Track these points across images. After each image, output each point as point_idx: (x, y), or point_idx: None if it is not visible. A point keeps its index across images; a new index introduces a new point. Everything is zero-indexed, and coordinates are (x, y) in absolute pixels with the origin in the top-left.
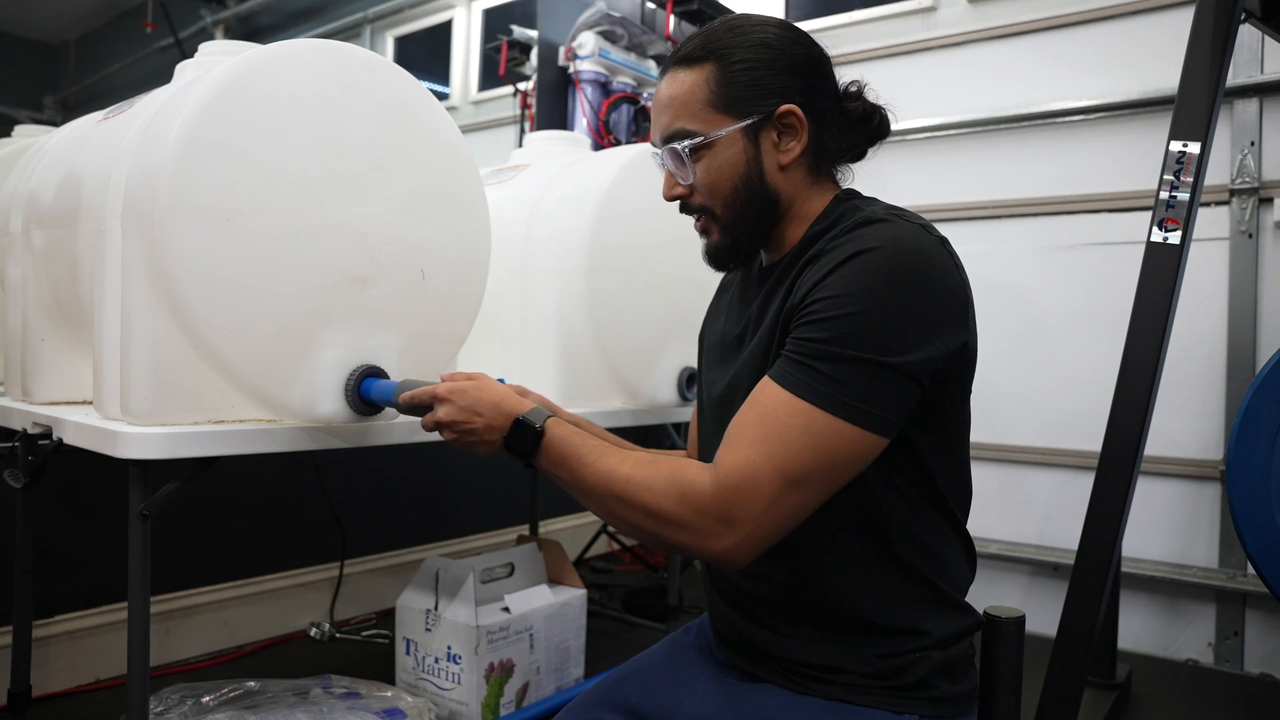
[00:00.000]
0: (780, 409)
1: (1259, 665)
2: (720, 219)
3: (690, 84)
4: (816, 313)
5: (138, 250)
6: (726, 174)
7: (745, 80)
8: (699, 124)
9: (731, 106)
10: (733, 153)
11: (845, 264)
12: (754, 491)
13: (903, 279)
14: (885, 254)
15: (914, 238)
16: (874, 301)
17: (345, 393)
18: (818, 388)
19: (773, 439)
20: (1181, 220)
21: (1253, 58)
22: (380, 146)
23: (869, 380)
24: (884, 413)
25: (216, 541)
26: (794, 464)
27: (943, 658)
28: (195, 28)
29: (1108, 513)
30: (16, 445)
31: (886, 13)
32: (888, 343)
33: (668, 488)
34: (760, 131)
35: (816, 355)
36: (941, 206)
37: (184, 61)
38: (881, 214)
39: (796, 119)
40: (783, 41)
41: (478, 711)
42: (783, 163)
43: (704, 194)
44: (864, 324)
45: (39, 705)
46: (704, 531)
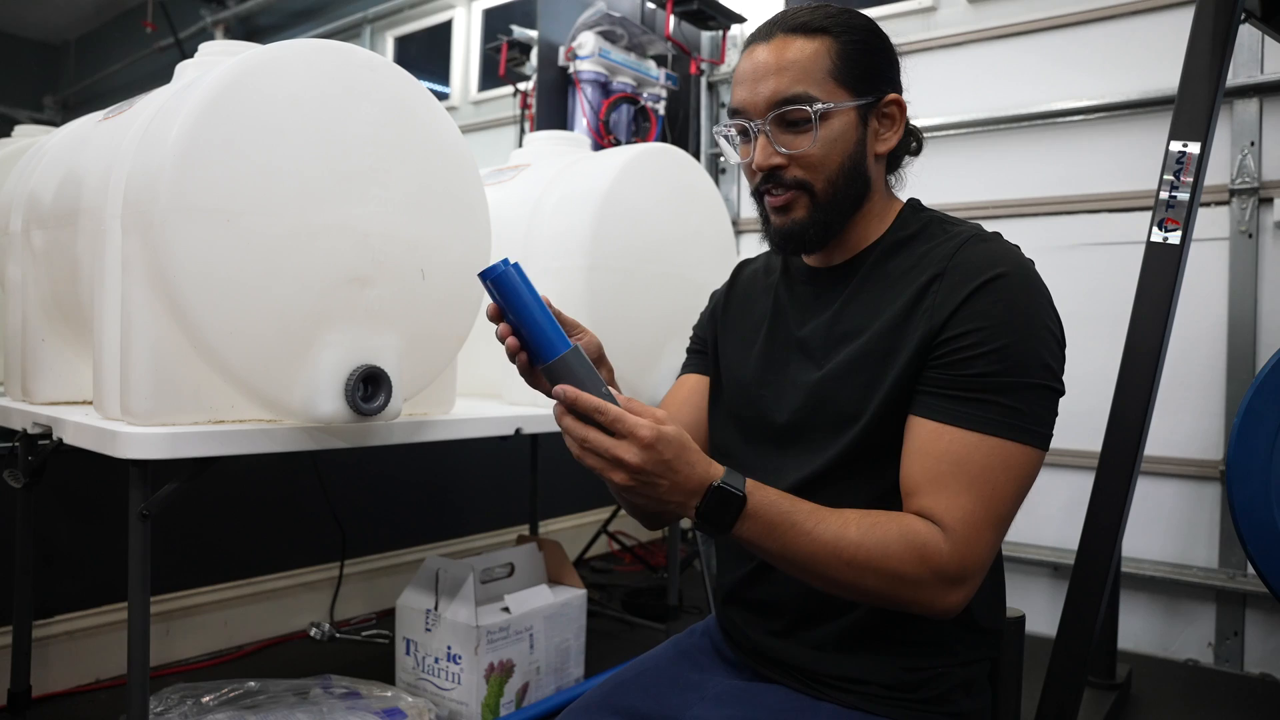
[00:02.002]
0: (976, 451)
1: (1259, 665)
2: (818, 195)
3: (811, 51)
4: (972, 346)
5: (138, 250)
6: (839, 148)
7: (864, 60)
8: (822, 91)
9: (853, 82)
10: (847, 129)
11: (981, 290)
12: (981, 543)
13: (1038, 303)
14: (1015, 279)
15: (1025, 260)
16: (1026, 328)
17: (345, 393)
18: (1004, 420)
19: (980, 484)
20: (1181, 220)
21: (1253, 58)
22: (380, 146)
23: (1040, 403)
24: (1049, 429)
25: (216, 541)
26: (1002, 505)
27: (963, 674)
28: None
29: (1108, 513)
30: (16, 445)
31: (886, 13)
32: (1043, 366)
33: (905, 551)
34: (870, 114)
35: (989, 389)
36: (942, 206)
37: (184, 61)
38: (988, 234)
39: (899, 109)
40: (880, 34)
41: (478, 711)
42: (879, 151)
43: (808, 166)
44: (1021, 352)
45: (39, 705)
46: (941, 590)
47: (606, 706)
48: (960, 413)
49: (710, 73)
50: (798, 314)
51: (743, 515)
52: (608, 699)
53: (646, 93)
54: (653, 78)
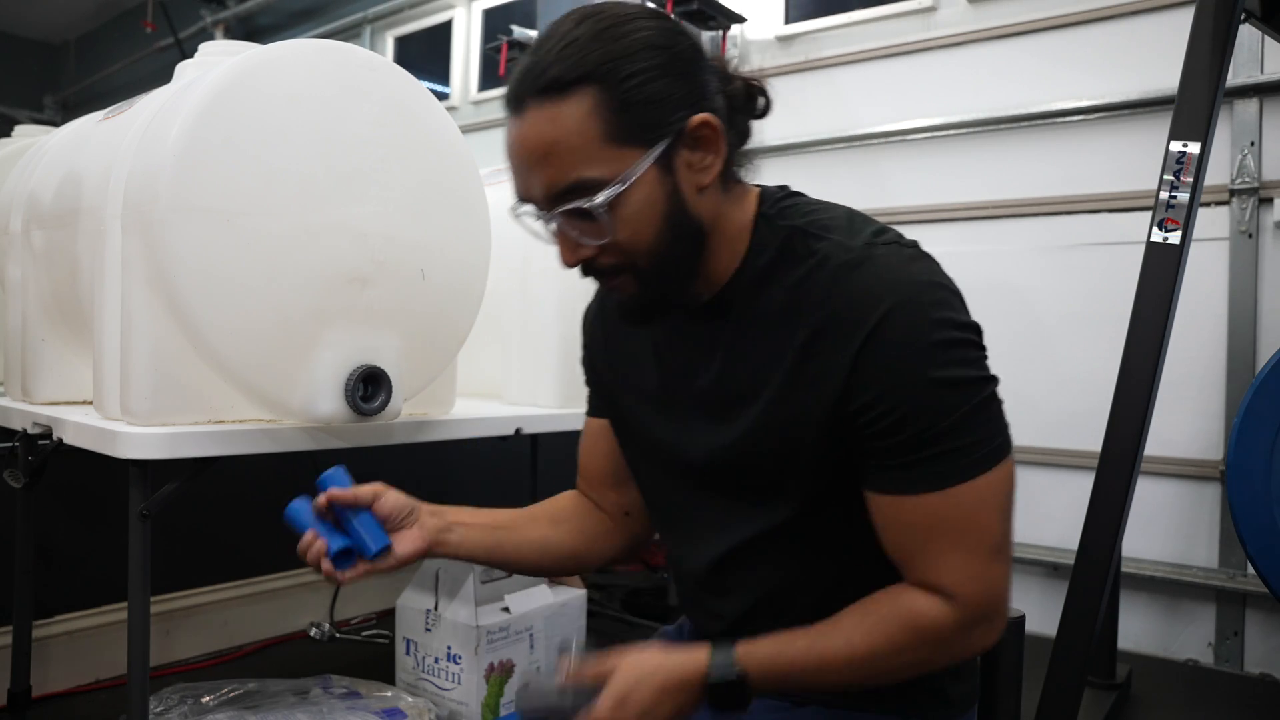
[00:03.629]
0: (948, 508)
1: (1259, 665)
2: (644, 271)
3: (572, 119)
4: (884, 416)
5: (138, 250)
6: (648, 219)
7: (644, 98)
8: (602, 167)
9: (636, 135)
10: (650, 190)
11: (869, 347)
12: (992, 588)
13: (935, 321)
14: (901, 313)
15: (918, 270)
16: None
17: (345, 393)
18: (960, 465)
19: (964, 534)
20: (1181, 220)
21: (1253, 58)
22: (380, 146)
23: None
24: (1006, 432)
25: (216, 541)
26: (994, 537)
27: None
28: (195, 28)
29: (1108, 513)
30: (16, 445)
31: (886, 13)
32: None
33: (916, 641)
34: (674, 155)
35: (930, 442)
36: (941, 206)
37: (184, 61)
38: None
39: (711, 129)
40: (665, 34)
41: (478, 711)
42: (702, 184)
43: (620, 250)
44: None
45: (39, 705)
46: (966, 646)
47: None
48: (914, 479)
49: None
50: (682, 358)
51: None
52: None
53: None
54: None
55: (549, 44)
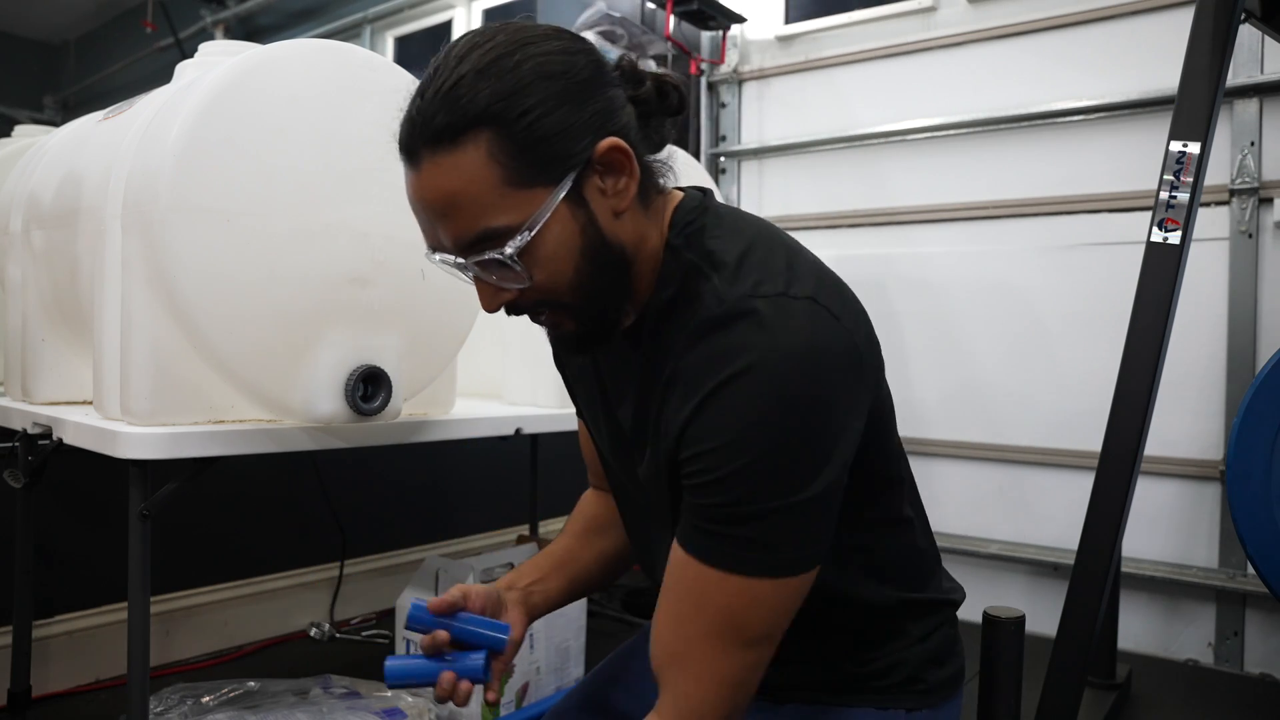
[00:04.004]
0: (718, 591)
1: (1259, 665)
2: (571, 307)
3: (469, 168)
4: (708, 470)
5: (138, 250)
6: (564, 257)
7: (543, 133)
8: (507, 214)
9: (539, 174)
10: (563, 229)
11: (710, 401)
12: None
13: (795, 398)
14: (760, 376)
15: (791, 334)
16: (770, 441)
17: (345, 393)
18: (748, 556)
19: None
20: (1181, 220)
21: (1253, 58)
22: (380, 146)
23: (795, 526)
24: (821, 543)
25: (216, 541)
26: (749, 631)
27: (924, 649)
28: (195, 28)
29: (1108, 513)
30: (16, 445)
31: (886, 13)
32: (790, 482)
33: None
34: (583, 186)
35: (728, 520)
36: (941, 206)
37: (184, 61)
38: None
39: (621, 153)
40: (558, 58)
41: (478, 712)
42: (619, 209)
43: (541, 290)
44: (757, 474)
45: (39, 705)
46: None
47: (590, 705)
48: (704, 546)
49: (710, 73)
50: (612, 382)
51: None
52: (591, 698)
53: None
54: None
55: (435, 85)
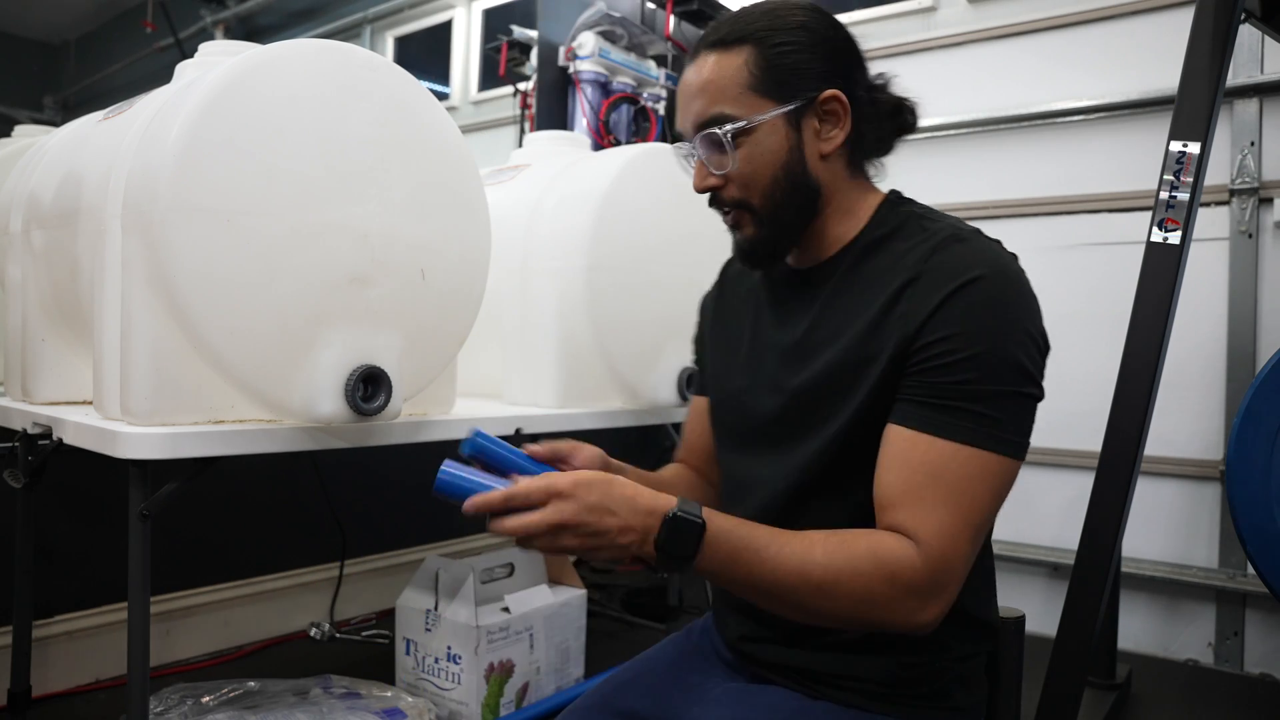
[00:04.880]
0: (952, 461)
1: (1259, 665)
2: (758, 211)
3: (728, 67)
4: (948, 353)
5: (138, 250)
6: (767, 162)
7: (787, 64)
8: (739, 108)
9: (773, 90)
10: (774, 140)
11: (957, 294)
12: (957, 556)
13: (1017, 305)
14: (993, 283)
15: (1005, 260)
16: (1002, 333)
17: (345, 393)
18: (981, 430)
19: (957, 494)
20: (1181, 220)
21: (1253, 58)
22: (380, 146)
23: (1018, 411)
24: (1027, 438)
25: (216, 541)
26: (979, 514)
27: (960, 669)
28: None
29: (1108, 513)
30: (16, 445)
31: (886, 13)
32: (1019, 372)
33: (875, 570)
34: (803, 118)
35: (966, 396)
36: (942, 206)
37: (184, 61)
38: (958, 229)
39: (840, 105)
40: (821, 25)
41: (478, 711)
42: (824, 151)
43: (741, 185)
44: (995, 359)
45: (39, 705)
46: (915, 608)
47: (607, 708)
48: (937, 421)
49: None
50: (778, 316)
51: (703, 544)
52: (608, 700)
53: (646, 93)
54: (653, 78)
55: (732, 13)
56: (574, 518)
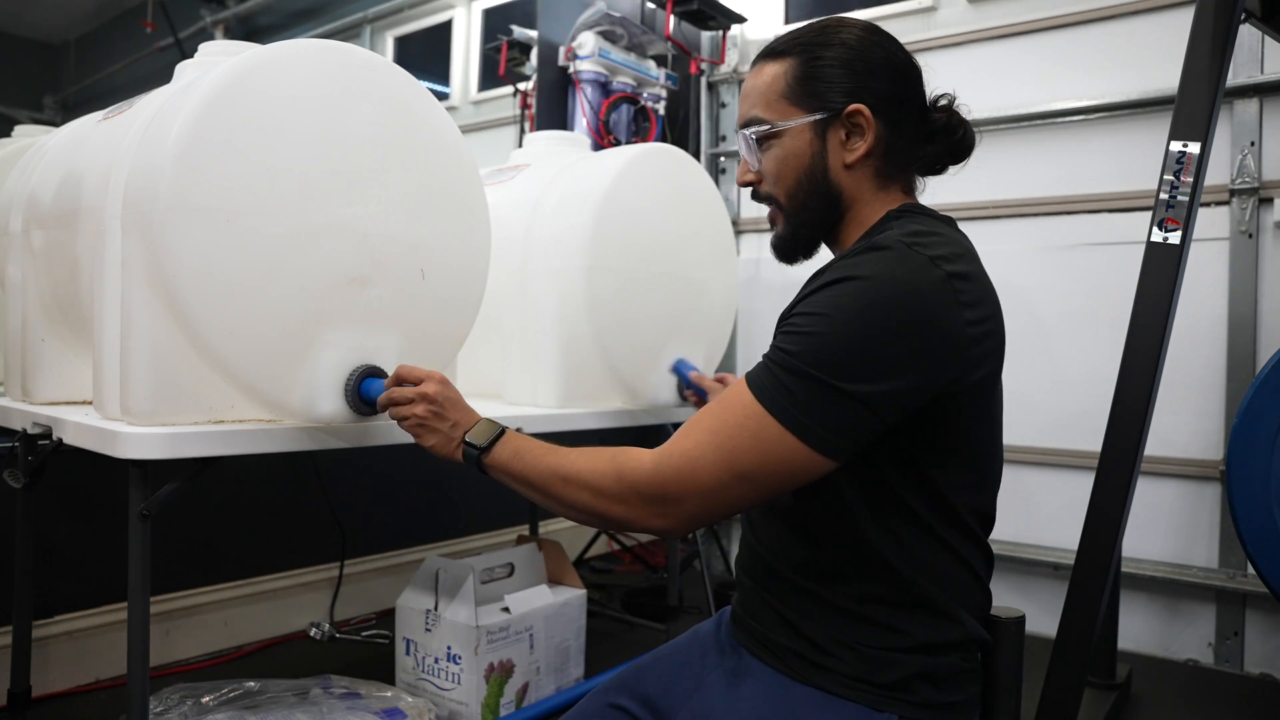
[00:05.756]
0: (739, 405)
1: (1259, 665)
2: (785, 209)
3: (771, 76)
4: (793, 326)
5: (138, 250)
6: (790, 165)
7: (821, 76)
8: (771, 114)
9: (803, 100)
10: (799, 145)
11: (834, 285)
12: (694, 475)
13: (877, 313)
14: (869, 285)
15: (907, 272)
16: (838, 327)
17: (345, 393)
18: (775, 396)
19: (724, 433)
20: (1181, 220)
21: (1253, 58)
22: (380, 147)
23: (819, 400)
24: (829, 435)
25: (216, 541)
26: (737, 459)
27: (925, 663)
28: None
29: (1108, 513)
30: (16, 445)
31: (886, 13)
32: (846, 370)
33: (607, 466)
34: (829, 128)
35: (781, 364)
36: (942, 206)
37: (184, 61)
38: (893, 240)
39: (864, 119)
40: (864, 44)
41: (478, 711)
42: (848, 161)
43: (770, 183)
44: (825, 346)
45: (39, 705)
46: (643, 507)
47: (625, 689)
48: (754, 373)
49: (710, 73)
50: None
51: (494, 445)
52: (628, 682)
53: (646, 93)
54: (653, 78)
55: (801, 27)
56: (435, 394)
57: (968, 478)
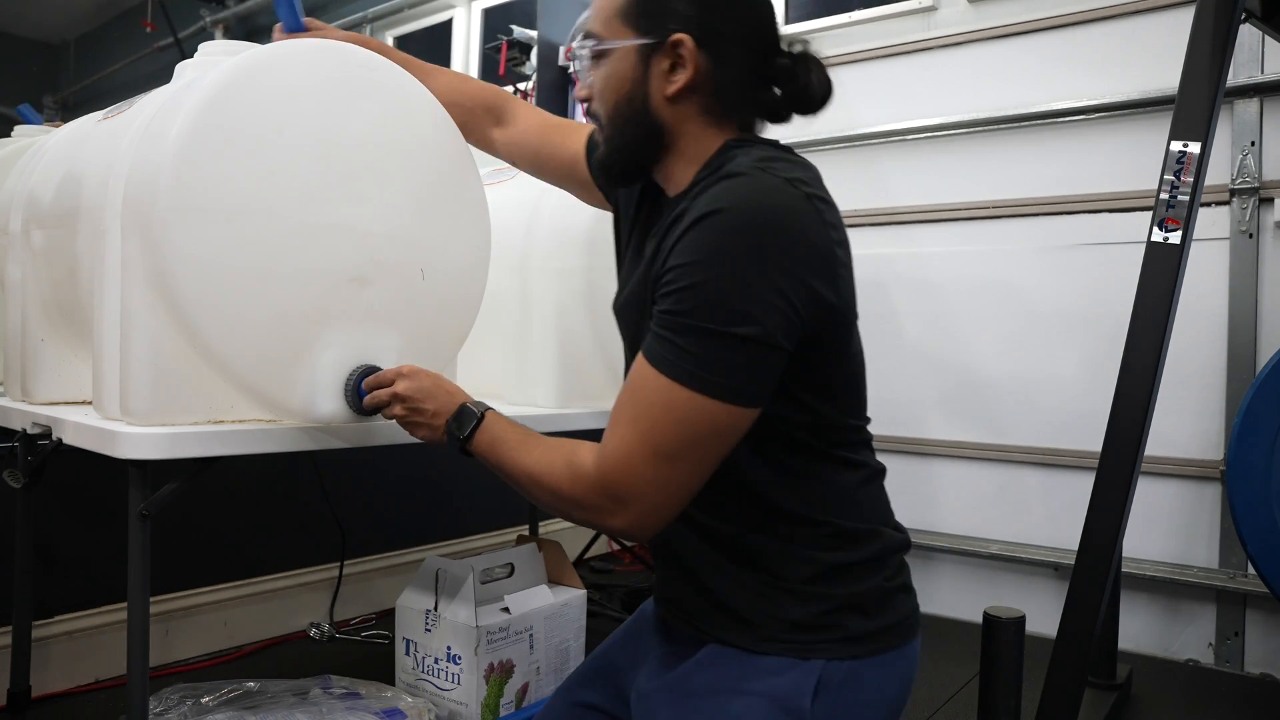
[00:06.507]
0: (646, 385)
1: (1259, 665)
2: (606, 130)
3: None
4: (670, 283)
5: (137, 250)
6: (613, 86)
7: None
8: (604, 30)
9: (637, 21)
10: (622, 67)
11: (694, 227)
12: (631, 470)
13: (746, 243)
14: (731, 216)
15: (767, 195)
16: (716, 269)
17: (345, 393)
18: (673, 361)
19: (642, 417)
20: (1182, 220)
21: (1253, 58)
22: (380, 146)
23: (718, 351)
24: (738, 383)
25: (216, 541)
26: (662, 440)
27: (847, 593)
28: (195, 28)
29: (1108, 513)
30: (16, 445)
31: (886, 13)
32: (733, 312)
33: (563, 470)
34: (653, 55)
35: (670, 328)
36: (942, 206)
37: (184, 61)
38: (745, 167)
39: (687, 50)
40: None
41: (477, 712)
42: (668, 93)
43: (597, 101)
44: (708, 294)
45: (39, 705)
46: (599, 509)
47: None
48: (649, 347)
49: None
50: (640, 239)
51: (477, 431)
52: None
53: None
54: None
55: None
56: (406, 391)
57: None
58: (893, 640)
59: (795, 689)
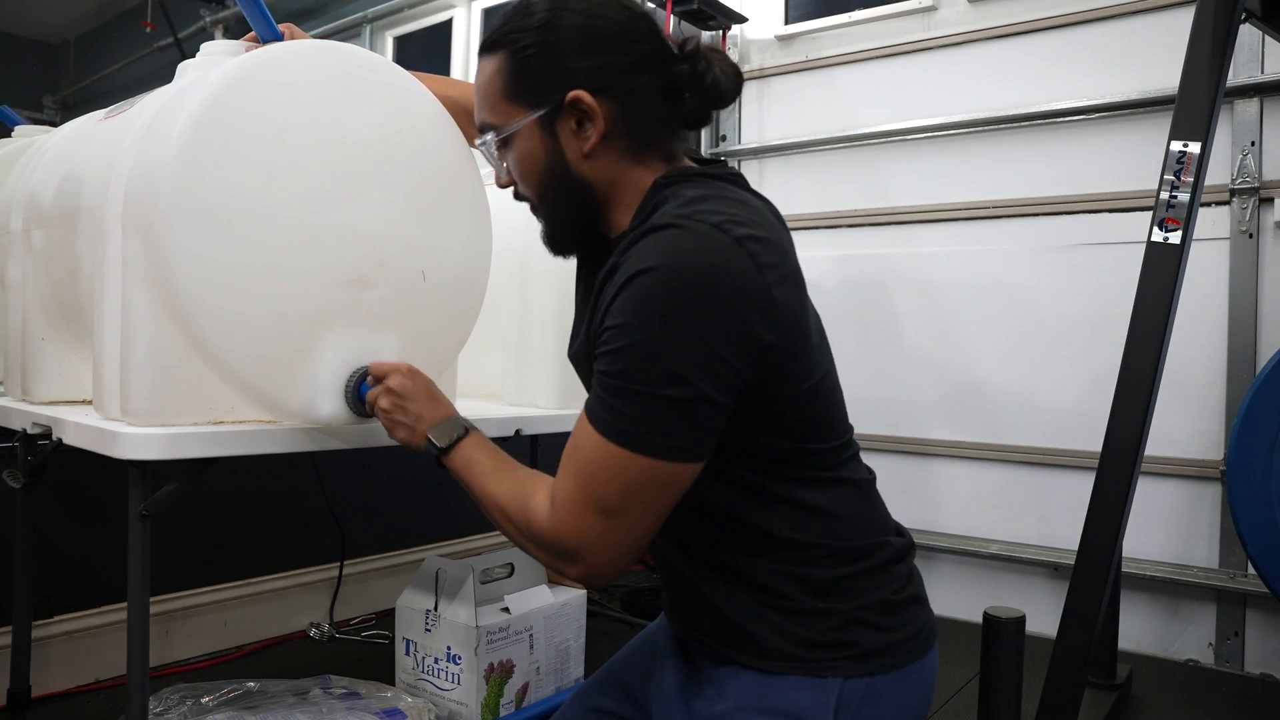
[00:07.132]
0: (587, 443)
1: (1259, 665)
2: (540, 210)
3: (488, 74)
4: (605, 343)
5: (138, 250)
6: (530, 166)
7: (529, 69)
8: (497, 117)
9: (523, 97)
10: (531, 145)
11: (626, 286)
12: (579, 525)
13: (673, 302)
14: (658, 275)
15: (696, 246)
16: (645, 331)
17: (345, 394)
18: (608, 421)
19: (583, 473)
20: (1182, 220)
21: (1253, 58)
22: (381, 147)
23: (651, 412)
24: (675, 440)
25: (216, 541)
26: (604, 496)
27: (853, 608)
28: (195, 28)
29: (1108, 513)
30: (16, 445)
31: (886, 13)
32: (664, 374)
33: (520, 515)
34: (555, 120)
35: (605, 389)
36: (941, 206)
37: (185, 61)
38: (671, 216)
39: (587, 104)
40: (572, 18)
41: (477, 712)
42: (585, 150)
43: (521, 184)
44: (638, 356)
45: (39, 705)
46: (555, 557)
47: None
48: (589, 404)
49: None
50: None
51: (454, 448)
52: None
53: None
54: None
55: (500, 13)
56: (399, 387)
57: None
58: (908, 655)
59: (816, 706)
